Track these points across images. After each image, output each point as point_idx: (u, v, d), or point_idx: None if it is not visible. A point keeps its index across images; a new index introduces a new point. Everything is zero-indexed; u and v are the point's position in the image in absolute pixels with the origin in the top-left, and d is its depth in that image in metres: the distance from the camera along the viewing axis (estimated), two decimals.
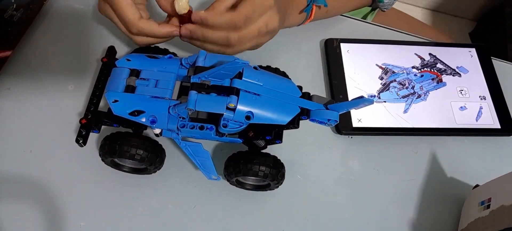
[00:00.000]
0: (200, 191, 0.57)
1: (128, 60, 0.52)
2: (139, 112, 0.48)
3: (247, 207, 0.56)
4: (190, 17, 0.53)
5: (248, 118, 0.47)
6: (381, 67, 0.68)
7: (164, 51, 0.57)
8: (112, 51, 0.56)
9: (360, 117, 0.63)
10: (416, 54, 0.70)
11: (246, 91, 0.47)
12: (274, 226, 0.56)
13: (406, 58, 0.70)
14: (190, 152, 0.51)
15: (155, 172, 0.55)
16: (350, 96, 0.65)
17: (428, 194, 0.60)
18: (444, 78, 0.68)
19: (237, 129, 0.49)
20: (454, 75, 0.69)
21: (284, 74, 0.55)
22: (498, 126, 0.64)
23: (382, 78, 0.67)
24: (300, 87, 0.51)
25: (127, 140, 0.50)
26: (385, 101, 0.65)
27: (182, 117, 0.49)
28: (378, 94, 0.66)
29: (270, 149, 0.53)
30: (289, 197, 0.57)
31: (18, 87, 0.62)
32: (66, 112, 0.60)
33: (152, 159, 0.51)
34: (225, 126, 0.48)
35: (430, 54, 0.70)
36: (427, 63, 0.69)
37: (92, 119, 0.50)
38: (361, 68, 0.68)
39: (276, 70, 0.55)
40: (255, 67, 0.50)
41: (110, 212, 0.55)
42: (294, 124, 0.50)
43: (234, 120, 0.47)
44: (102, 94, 0.53)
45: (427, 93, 0.66)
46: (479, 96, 0.67)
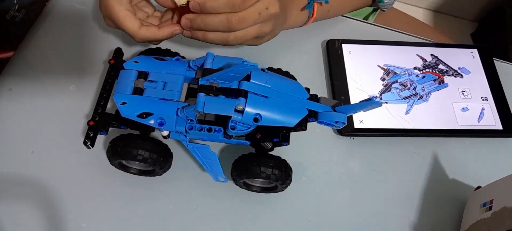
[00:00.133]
0: (204, 192, 0.57)
1: (136, 62, 0.51)
2: (147, 114, 0.48)
3: (250, 209, 0.57)
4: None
5: (256, 120, 0.47)
6: (382, 68, 0.69)
7: (172, 54, 0.57)
8: (119, 53, 0.55)
9: (361, 118, 0.63)
10: (417, 55, 0.70)
11: (254, 94, 0.47)
12: (275, 228, 0.56)
13: (407, 59, 0.70)
14: (197, 154, 0.51)
15: (163, 173, 0.55)
16: (351, 97, 0.65)
17: (429, 196, 0.60)
18: (446, 79, 0.68)
19: (245, 131, 0.49)
20: (456, 76, 0.69)
21: (292, 77, 0.55)
22: (500, 127, 0.64)
23: (383, 79, 0.68)
24: (307, 89, 0.51)
25: (130, 142, 0.50)
26: (386, 102, 0.65)
27: (190, 119, 0.49)
28: (380, 95, 0.66)
29: (272, 151, 0.54)
30: (291, 199, 0.57)
31: (19, 88, 0.62)
32: (67, 113, 0.60)
33: (156, 160, 0.51)
34: (233, 128, 0.48)
35: (432, 55, 0.71)
36: (429, 64, 0.70)
37: (99, 121, 0.50)
38: (362, 69, 0.68)
39: (286, 73, 0.55)
40: (263, 70, 0.50)
41: (111, 213, 0.55)
42: (301, 126, 0.50)
43: (242, 122, 0.47)
44: (109, 96, 0.52)
45: (429, 94, 0.67)
46: (481, 97, 0.67)
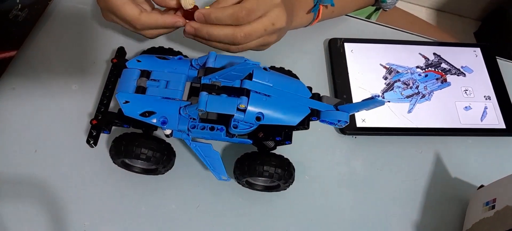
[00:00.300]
0: (207, 191, 0.57)
1: (138, 61, 0.52)
2: (150, 113, 0.48)
3: (252, 207, 0.57)
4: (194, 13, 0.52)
5: (258, 119, 0.47)
6: (385, 67, 0.68)
7: (174, 53, 0.57)
8: (121, 52, 0.56)
9: (364, 117, 0.63)
10: (420, 54, 0.70)
11: (257, 92, 0.47)
12: (277, 227, 0.56)
13: (410, 58, 0.70)
14: (200, 153, 0.51)
15: (165, 172, 0.55)
16: (353, 96, 0.65)
17: (432, 195, 0.60)
18: (448, 78, 0.68)
19: (247, 130, 0.49)
20: (458, 75, 0.69)
21: (295, 76, 0.55)
22: (503, 126, 0.64)
23: (386, 78, 0.67)
24: (310, 88, 0.51)
25: (133, 141, 0.50)
26: (389, 101, 0.65)
27: (192, 118, 0.49)
28: (382, 94, 0.66)
29: (274, 150, 0.54)
30: (293, 198, 0.57)
31: (22, 87, 0.62)
32: (70, 112, 0.60)
33: (159, 159, 0.51)
34: (235, 127, 0.48)
35: (435, 54, 0.70)
36: (432, 63, 0.69)
37: (102, 119, 0.50)
38: (365, 68, 0.68)
39: (289, 72, 0.55)
40: (265, 68, 0.50)
41: (114, 211, 0.55)
42: (304, 124, 0.50)
43: (244, 120, 0.47)
44: (112, 95, 0.53)
45: (432, 93, 0.66)
46: (484, 96, 0.67)
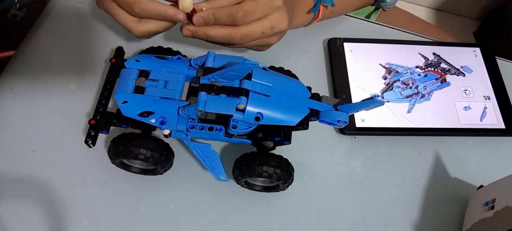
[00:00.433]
0: (206, 191, 0.57)
1: (137, 61, 0.51)
2: (149, 113, 0.48)
3: (251, 208, 0.56)
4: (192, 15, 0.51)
5: (257, 119, 0.47)
6: (384, 67, 0.68)
7: (173, 52, 0.57)
8: (120, 52, 0.55)
9: (363, 117, 0.63)
10: (419, 53, 0.70)
11: (256, 92, 0.47)
12: (276, 227, 0.56)
13: (409, 57, 0.70)
14: (199, 153, 0.51)
15: (164, 172, 0.55)
16: (353, 96, 0.65)
17: (431, 195, 0.60)
18: (448, 78, 0.68)
19: (246, 130, 0.49)
20: (458, 75, 0.69)
21: (294, 76, 0.54)
22: (502, 126, 0.64)
23: (385, 78, 0.67)
24: (309, 88, 0.51)
25: (132, 141, 0.50)
26: (388, 101, 0.65)
27: (191, 118, 0.49)
28: (382, 94, 0.66)
29: (274, 150, 0.53)
30: (292, 198, 0.57)
31: (21, 87, 0.62)
32: (69, 112, 0.60)
33: (158, 159, 0.50)
34: (234, 127, 0.48)
35: (434, 53, 0.70)
36: (431, 63, 0.69)
37: (101, 119, 0.50)
38: (364, 67, 0.68)
39: (288, 72, 0.55)
40: (264, 68, 0.50)
41: (112, 211, 0.54)
42: (303, 124, 0.50)
43: (243, 121, 0.47)
44: (110, 95, 0.53)
45: (431, 93, 0.66)
46: (484, 96, 0.67)
